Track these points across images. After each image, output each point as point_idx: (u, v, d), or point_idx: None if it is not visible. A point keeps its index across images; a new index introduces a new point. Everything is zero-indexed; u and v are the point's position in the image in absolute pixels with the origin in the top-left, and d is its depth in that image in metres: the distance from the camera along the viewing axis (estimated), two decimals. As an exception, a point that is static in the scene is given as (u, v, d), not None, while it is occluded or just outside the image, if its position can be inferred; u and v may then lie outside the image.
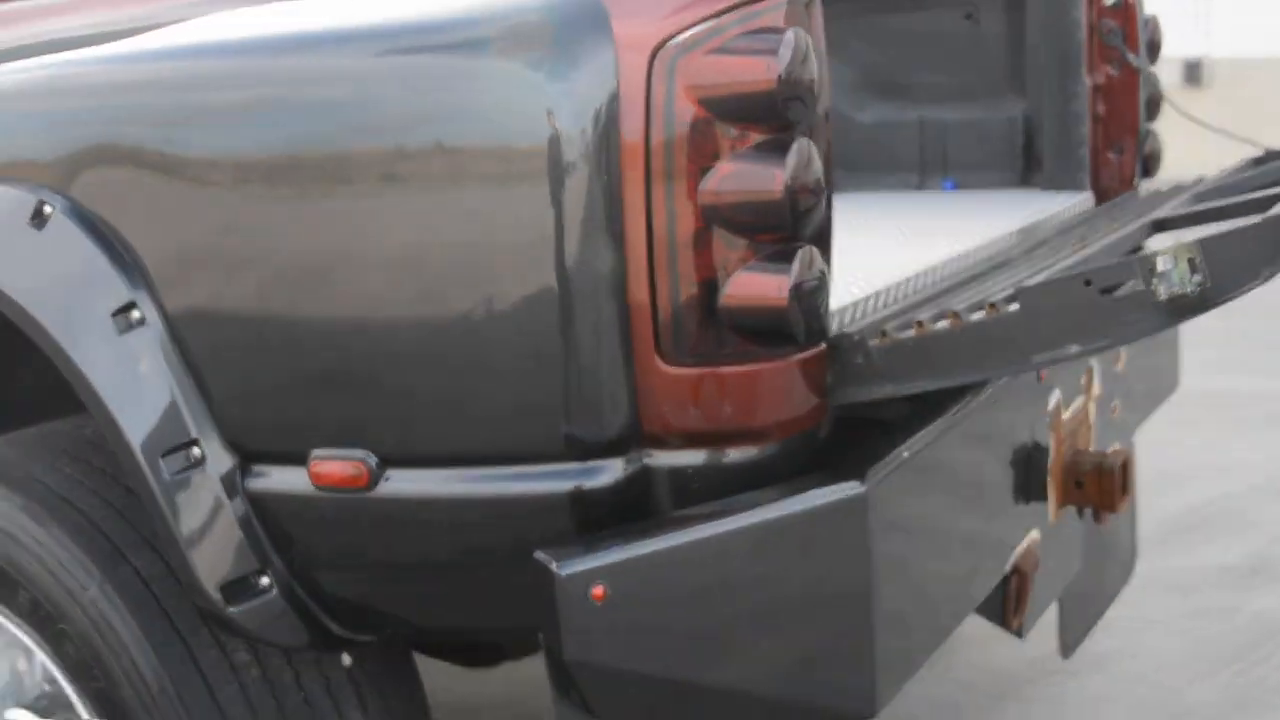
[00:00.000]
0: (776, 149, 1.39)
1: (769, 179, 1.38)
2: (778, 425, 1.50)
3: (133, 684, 1.67)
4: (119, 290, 1.57)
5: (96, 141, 1.61)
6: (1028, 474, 1.94)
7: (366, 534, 1.56)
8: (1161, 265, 1.29)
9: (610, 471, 1.47)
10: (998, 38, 2.79)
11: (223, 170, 1.53)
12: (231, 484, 1.59)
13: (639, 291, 1.42)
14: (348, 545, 1.59)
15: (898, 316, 1.62)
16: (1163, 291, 1.29)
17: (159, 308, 1.58)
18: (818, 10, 1.44)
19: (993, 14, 2.81)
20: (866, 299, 1.70)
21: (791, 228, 1.41)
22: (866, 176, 3.04)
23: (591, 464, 1.47)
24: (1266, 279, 1.29)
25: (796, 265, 1.42)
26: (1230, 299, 1.30)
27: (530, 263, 1.43)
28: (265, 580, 1.61)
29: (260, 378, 1.57)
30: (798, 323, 1.43)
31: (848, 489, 1.44)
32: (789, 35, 1.39)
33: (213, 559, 1.59)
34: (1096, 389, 2.25)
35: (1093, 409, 2.24)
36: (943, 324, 1.48)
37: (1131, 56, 2.59)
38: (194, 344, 1.58)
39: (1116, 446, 2.37)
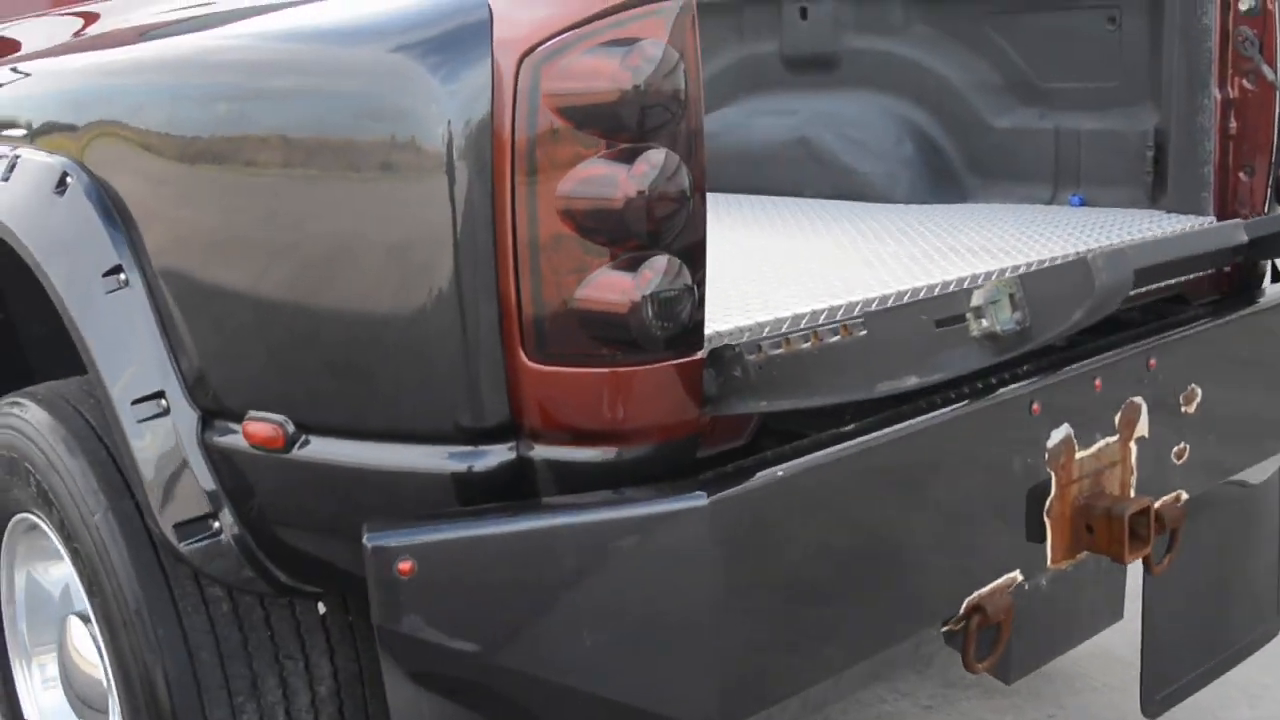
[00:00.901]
0: (626, 159, 1.41)
1: (614, 188, 1.40)
2: (649, 429, 1.51)
3: (118, 602, 1.89)
4: (110, 255, 1.78)
5: (102, 120, 1.83)
6: (1005, 511, 1.83)
7: (288, 491, 1.70)
8: (977, 300, 1.22)
9: (493, 457, 1.54)
10: (1138, 43, 2.60)
11: (175, 153, 1.71)
12: (191, 435, 1.77)
13: (508, 290, 1.48)
14: (277, 500, 1.73)
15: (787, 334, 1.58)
16: (977, 328, 1.22)
17: (141, 273, 1.78)
18: (688, 21, 1.44)
19: (1135, 17, 2.61)
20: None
21: (645, 237, 1.43)
22: (999, 187, 2.90)
23: (478, 449, 1.54)
24: (1079, 324, 1.19)
25: (646, 274, 1.43)
26: (1051, 339, 1.21)
27: (417, 256, 1.52)
28: (216, 524, 1.78)
29: (212, 343, 1.74)
30: (644, 330, 1.44)
31: (687, 501, 1.44)
32: (647, 46, 1.40)
33: (170, 499, 1.78)
34: (1143, 429, 2.08)
35: (1134, 451, 2.08)
36: (806, 344, 1.45)
37: (1267, 69, 2.36)
38: (164, 308, 1.77)
39: (1180, 495, 2.19)
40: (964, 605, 1.81)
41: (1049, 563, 1.95)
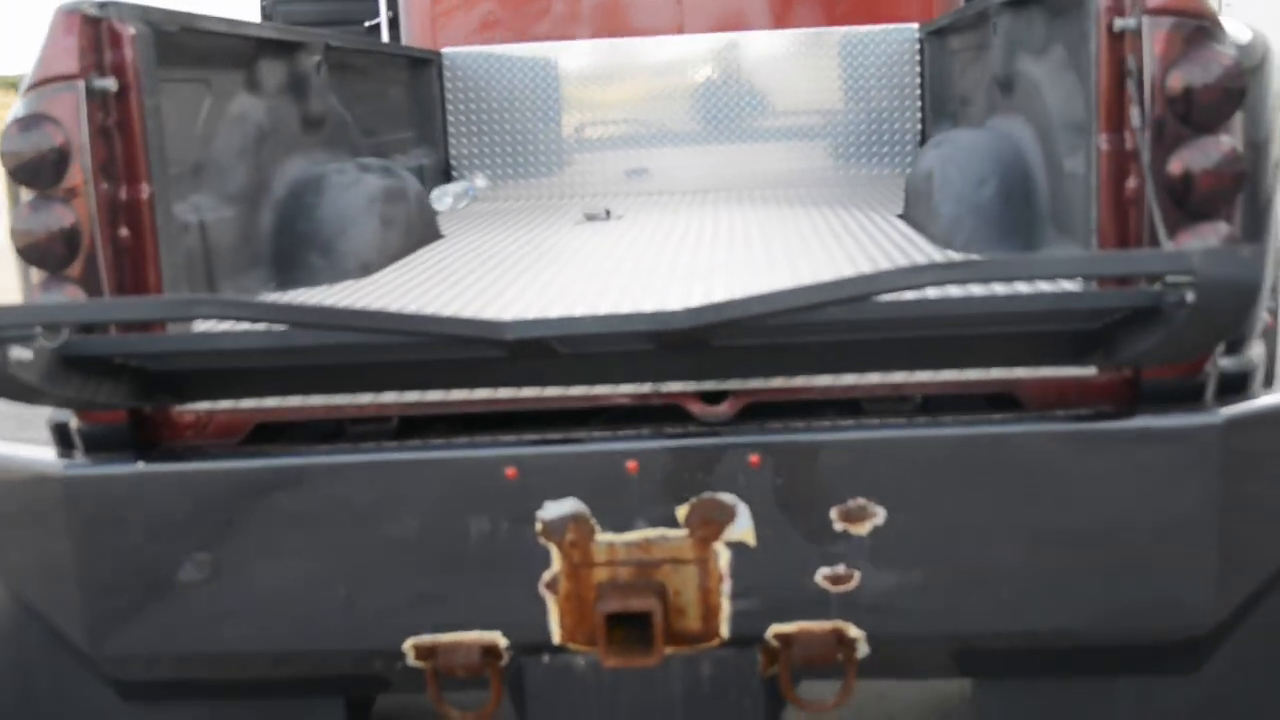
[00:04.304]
0: (33, 204, 1.87)
1: (20, 226, 1.88)
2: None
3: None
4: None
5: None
6: (463, 570, 1.85)
7: None
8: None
9: None
10: None
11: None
12: None
13: None
14: None
15: None
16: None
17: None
18: (72, 100, 1.82)
19: None
20: None
21: (51, 263, 1.88)
22: (1063, 244, 2.40)
23: None
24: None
25: (45, 291, 1.88)
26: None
27: None
28: None
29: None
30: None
31: (50, 468, 1.90)
32: (33, 120, 1.84)
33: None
34: (743, 534, 1.83)
35: (725, 555, 1.83)
36: None
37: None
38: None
39: (839, 629, 1.84)
40: (407, 645, 1.89)
41: (557, 640, 1.88)
